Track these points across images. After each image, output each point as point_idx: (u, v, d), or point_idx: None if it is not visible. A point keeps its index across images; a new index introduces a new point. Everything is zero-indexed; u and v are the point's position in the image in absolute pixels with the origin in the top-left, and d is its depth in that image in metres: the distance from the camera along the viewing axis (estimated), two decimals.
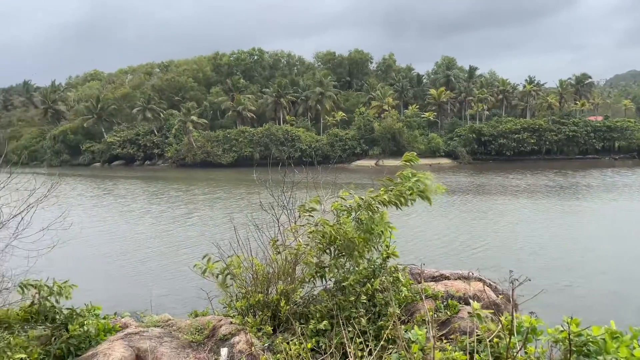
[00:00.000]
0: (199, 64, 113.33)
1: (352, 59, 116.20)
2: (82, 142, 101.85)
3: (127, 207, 47.89)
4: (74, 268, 21.53)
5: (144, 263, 26.20)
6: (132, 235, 33.84)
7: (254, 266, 6.26)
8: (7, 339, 5.58)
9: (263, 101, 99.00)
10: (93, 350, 5.42)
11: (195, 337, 5.58)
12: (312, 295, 6.05)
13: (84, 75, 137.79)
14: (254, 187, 51.68)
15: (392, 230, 5.91)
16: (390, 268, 5.84)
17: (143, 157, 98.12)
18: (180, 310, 11.46)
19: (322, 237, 5.89)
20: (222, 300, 6.32)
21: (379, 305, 5.46)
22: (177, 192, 57.36)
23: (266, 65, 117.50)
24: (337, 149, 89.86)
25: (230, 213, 37.10)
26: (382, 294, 5.54)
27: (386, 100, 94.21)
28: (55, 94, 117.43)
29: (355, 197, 6.03)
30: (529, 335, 3.90)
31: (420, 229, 31.52)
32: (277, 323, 5.76)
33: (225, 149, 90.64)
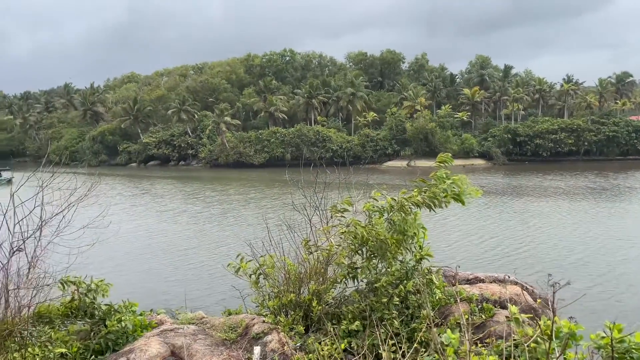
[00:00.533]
0: (232, 66, 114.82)
1: (384, 59, 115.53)
2: (119, 143, 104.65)
3: (163, 206, 48.93)
4: (111, 265, 22.16)
5: (179, 261, 26.74)
6: (168, 234, 34.56)
7: (286, 266, 6.30)
8: (49, 333, 5.78)
9: (294, 102, 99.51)
10: (130, 346, 5.55)
11: (229, 335, 5.65)
12: (344, 295, 6.04)
13: (122, 78, 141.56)
14: (286, 188, 52.00)
15: (425, 232, 5.84)
16: (423, 270, 5.77)
17: (177, 158, 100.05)
18: (213, 308, 11.63)
19: (354, 238, 5.87)
20: (255, 299, 6.38)
21: (412, 308, 5.40)
22: (212, 192, 58.25)
23: (298, 66, 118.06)
24: (368, 149, 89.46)
25: (263, 213, 37.41)
26: (415, 296, 5.48)
27: (418, 100, 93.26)
28: (94, 96, 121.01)
29: (388, 198, 5.99)
30: (568, 341, 3.79)
31: (455, 231, 31.08)
32: (309, 323, 5.77)
33: (257, 150, 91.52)
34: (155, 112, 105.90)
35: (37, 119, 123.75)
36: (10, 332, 5.71)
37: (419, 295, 5.51)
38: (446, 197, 5.55)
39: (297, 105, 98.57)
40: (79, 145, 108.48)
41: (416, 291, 5.55)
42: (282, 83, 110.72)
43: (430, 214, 5.94)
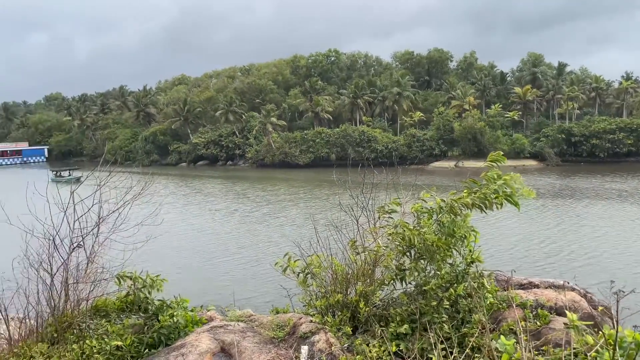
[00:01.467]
0: (278, 67, 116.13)
1: (431, 57, 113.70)
2: (170, 143, 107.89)
3: (214, 205, 50.05)
4: (164, 261, 22.82)
5: (228, 259, 27.27)
6: (218, 233, 35.31)
7: (333, 266, 6.29)
8: (105, 326, 6.01)
9: (340, 102, 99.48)
10: (182, 341, 5.70)
11: (277, 334, 5.70)
12: (391, 297, 5.97)
13: (173, 80, 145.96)
14: (332, 188, 52.10)
15: (476, 235, 5.69)
16: (474, 274, 5.62)
17: (225, 158, 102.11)
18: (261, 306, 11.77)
19: (402, 239, 5.79)
20: (302, 299, 6.40)
21: (462, 312, 5.27)
22: (261, 192, 59.09)
23: (343, 66, 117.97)
24: (414, 149, 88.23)
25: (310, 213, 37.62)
26: (466, 300, 5.35)
27: (467, 99, 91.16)
28: (146, 98, 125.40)
29: (437, 199, 5.87)
30: (632, 351, 3.59)
31: (507, 234, 30.14)
32: (357, 324, 5.74)
33: (303, 150, 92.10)
34: (204, 113, 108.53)
35: (94, 120, 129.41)
36: (70, 325, 5.99)
37: (470, 299, 5.37)
38: (497, 199, 5.37)
39: (343, 105, 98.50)
40: (132, 145, 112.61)
41: (467, 295, 5.41)
42: (328, 83, 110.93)
43: (479, 216, 5.78)
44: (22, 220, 6.32)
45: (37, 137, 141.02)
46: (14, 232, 6.41)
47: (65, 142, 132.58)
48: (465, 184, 5.68)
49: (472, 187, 5.57)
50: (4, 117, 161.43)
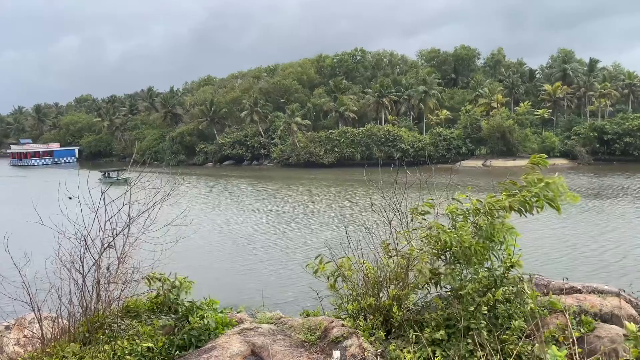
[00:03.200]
0: (303, 67, 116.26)
1: (458, 55, 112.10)
2: (196, 143, 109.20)
3: (242, 205, 50.39)
4: (193, 262, 22.98)
5: (257, 260, 27.33)
6: (248, 233, 35.47)
7: (364, 269, 6.14)
8: (136, 327, 6.00)
9: (365, 101, 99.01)
10: (212, 343, 5.64)
11: (308, 337, 5.59)
12: (426, 302, 5.79)
13: (199, 81, 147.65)
14: (360, 188, 51.82)
15: (515, 238, 5.46)
16: (513, 278, 5.39)
17: (251, 157, 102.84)
18: (291, 308, 11.69)
19: (437, 242, 5.60)
20: (333, 302, 6.28)
21: (501, 318, 5.06)
22: (288, 192, 59.25)
23: (368, 65, 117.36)
24: (440, 149, 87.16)
25: (340, 214, 37.45)
26: (504, 305, 5.13)
27: (495, 97, 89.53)
28: (173, 99, 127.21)
29: (473, 200, 5.66)
30: None
31: (543, 236, 29.34)
32: (390, 329, 5.58)
33: (327, 150, 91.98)
34: (230, 114, 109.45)
35: (123, 121, 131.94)
36: (101, 325, 5.99)
37: (509, 304, 5.15)
38: (538, 202, 5.13)
39: (367, 104, 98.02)
40: (159, 145, 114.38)
41: (506, 300, 5.19)
42: (353, 83, 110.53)
43: (515, 218, 5.55)
44: (53, 221, 6.37)
45: (68, 137, 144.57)
46: (46, 233, 6.46)
47: (95, 142, 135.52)
48: (503, 186, 5.46)
49: (511, 189, 5.34)
50: (36, 119, 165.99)
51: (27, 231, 9.76)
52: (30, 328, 6.67)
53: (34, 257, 6.39)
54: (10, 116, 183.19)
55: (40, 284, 6.33)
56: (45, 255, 6.30)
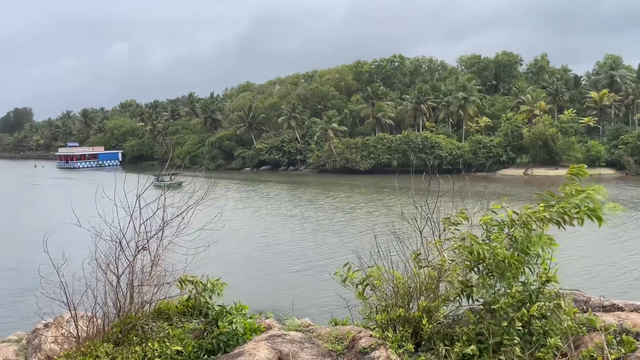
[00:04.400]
0: (341, 73, 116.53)
1: (499, 61, 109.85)
2: (234, 148, 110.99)
3: (276, 210, 50.79)
4: (223, 266, 23.31)
5: (287, 266, 27.45)
6: (279, 238, 35.70)
7: (394, 279, 6.03)
8: (167, 329, 6.08)
9: (402, 108, 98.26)
10: (240, 348, 5.65)
11: (335, 347, 5.52)
12: (457, 315, 5.63)
13: (238, 87, 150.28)
14: (394, 195, 51.40)
15: (552, 250, 5.25)
16: (549, 293, 5.18)
17: (287, 163, 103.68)
18: (319, 316, 11.66)
19: (470, 253, 5.44)
20: (362, 311, 6.19)
21: (536, 335, 4.86)
22: (322, 198, 59.39)
23: (407, 71, 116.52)
24: (480, 156, 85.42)
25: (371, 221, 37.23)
26: (540, 321, 4.93)
27: (537, 104, 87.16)
28: (213, 105, 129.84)
29: (509, 211, 5.48)
30: None
31: (583, 250, 28.27)
32: (419, 341, 5.45)
33: (364, 156, 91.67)
34: (267, 119, 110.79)
35: (164, 126, 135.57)
36: (134, 326, 6.10)
37: (544, 321, 4.94)
38: (579, 214, 4.91)
39: (405, 111, 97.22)
40: (199, 150, 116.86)
41: (541, 316, 4.98)
42: (390, 89, 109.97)
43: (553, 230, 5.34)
44: (91, 223, 6.56)
45: (112, 141, 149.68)
46: (84, 235, 6.66)
47: (137, 146, 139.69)
48: (540, 196, 5.26)
49: (549, 200, 5.14)
50: (83, 123, 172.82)
51: (67, 232, 10.12)
52: (67, 327, 6.87)
53: (71, 257, 6.58)
54: (59, 120, 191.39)
55: (77, 284, 6.52)
56: (82, 257, 6.49)
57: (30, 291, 6.56)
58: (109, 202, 6.85)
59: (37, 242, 7.00)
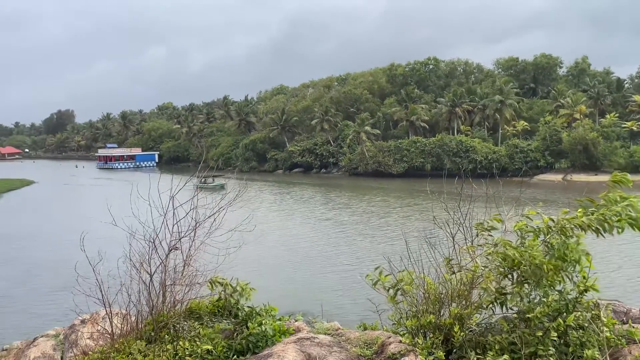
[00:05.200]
0: (374, 76, 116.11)
1: (538, 64, 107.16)
2: (267, 151, 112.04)
3: (307, 212, 50.94)
4: (254, 267, 23.51)
5: (317, 269, 27.45)
6: (310, 241, 35.76)
7: (425, 284, 5.93)
8: (198, 329, 6.16)
9: (437, 111, 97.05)
10: (269, 350, 5.66)
11: (364, 352, 5.47)
12: (490, 323, 5.49)
13: (272, 90, 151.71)
14: (426, 199, 50.79)
15: (589, 259, 5.05)
16: (587, 303, 4.99)
17: (319, 166, 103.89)
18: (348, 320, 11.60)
19: (503, 260, 5.30)
20: (391, 316, 6.11)
21: (572, 346, 4.68)
22: (354, 201, 59.22)
23: (441, 74, 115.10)
24: (517, 161, 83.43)
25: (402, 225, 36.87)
26: (577, 332, 4.75)
27: (577, 107, 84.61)
28: (247, 107, 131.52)
29: (544, 217, 5.31)
30: None
31: (624, 259, 27.24)
32: (450, 349, 5.34)
33: (396, 159, 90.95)
34: (300, 122, 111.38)
35: (200, 128, 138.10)
36: (166, 325, 6.21)
37: (581, 332, 4.77)
38: (620, 222, 4.72)
39: (440, 114, 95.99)
40: (233, 152, 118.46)
41: (578, 327, 4.81)
42: (425, 92, 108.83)
43: (590, 238, 5.15)
44: (126, 223, 6.72)
45: (149, 143, 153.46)
46: (119, 234, 6.83)
47: (174, 148, 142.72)
48: (579, 202, 5.08)
49: (588, 207, 4.96)
50: (122, 125, 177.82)
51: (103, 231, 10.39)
52: (102, 324, 7.05)
53: (107, 256, 6.75)
54: (99, 122, 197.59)
55: (112, 282, 6.69)
56: (117, 255, 6.65)
57: (68, 288, 6.75)
58: (143, 202, 6.99)
59: (76, 240, 7.21)
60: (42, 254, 34.44)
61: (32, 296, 25.13)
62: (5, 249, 36.39)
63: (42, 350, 7.39)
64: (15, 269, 30.75)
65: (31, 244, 38.02)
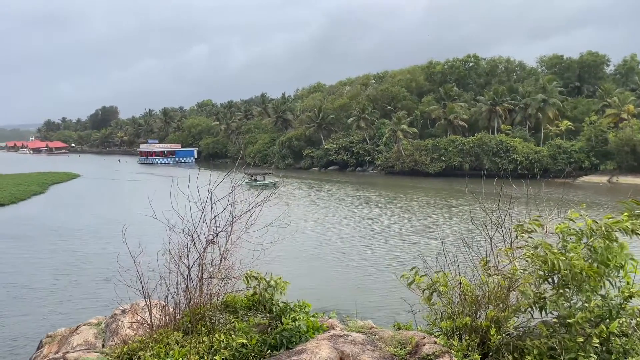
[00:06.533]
0: (412, 74, 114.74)
1: (584, 62, 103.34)
2: (303, 148, 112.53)
3: (342, 210, 50.88)
4: (289, 263, 23.65)
5: (353, 267, 27.39)
6: (345, 238, 35.72)
7: (461, 286, 5.85)
8: (233, 322, 6.26)
9: (476, 109, 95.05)
10: (302, 346, 5.70)
11: (397, 351, 5.44)
12: (528, 327, 5.36)
13: (309, 88, 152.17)
14: (463, 200, 49.91)
15: (635, 264, 4.87)
16: (632, 309, 4.81)
17: (355, 164, 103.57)
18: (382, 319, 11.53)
19: (543, 263, 5.17)
20: (426, 317, 6.05)
21: (615, 354, 4.53)
22: (390, 200, 58.76)
23: (482, 72, 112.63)
24: (559, 162, 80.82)
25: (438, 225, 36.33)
26: (620, 339, 4.59)
27: (625, 107, 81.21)
28: (284, 105, 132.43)
29: (588, 220, 5.14)
30: None
31: None
32: (486, 352, 5.25)
33: (434, 158, 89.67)
34: (337, 120, 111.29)
35: (238, 125, 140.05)
36: (202, 317, 6.34)
37: (625, 339, 4.60)
38: None
39: (479, 112, 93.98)
40: (269, 149, 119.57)
41: (622, 334, 4.64)
42: (464, 90, 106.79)
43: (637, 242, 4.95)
44: (166, 216, 6.89)
45: (189, 139, 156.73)
46: (158, 227, 7.01)
47: (212, 144, 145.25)
48: (624, 205, 4.89)
49: (634, 210, 4.77)
50: (163, 121, 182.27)
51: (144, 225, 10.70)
52: (142, 314, 7.26)
53: (147, 249, 6.95)
54: (142, 118, 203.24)
55: (151, 274, 6.89)
56: (157, 248, 6.84)
57: (110, 279, 6.99)
58: (182, 197, 7.16)
59: (118, 233, 7.46)
60: (86, 245, 35.75)
61: (76, 286, 26.14)
62: (51, 240, 37.98)
63: (84, 338, 7.68)
64: (60, 259, 32.05)
65: (76, 236, 39.53)
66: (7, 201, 59.83)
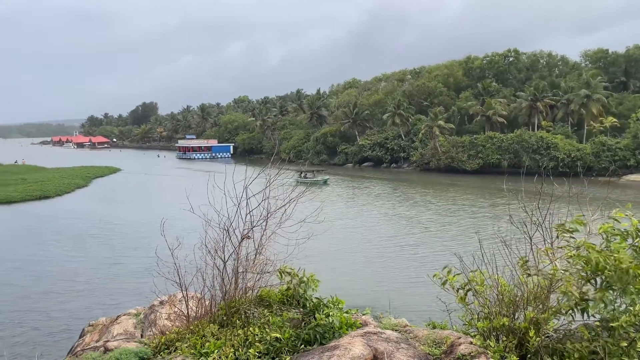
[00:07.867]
0: (450, 69, 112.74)
1: (630, 56, 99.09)
2: (338, 144, 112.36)
3: (377, 207, 50.60)
4: (323, 259, 23.71)
5: (386, 264, 27.22)
6: (380, 236, 35.53)
7: (499, 285, 5.72)
8: (267, 316, 6.33)
9: (516, 105, 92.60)
10: (335, 342, 5.70)
11: (432, 351, 5.37)
12: (568, 329, 5.19)
13: (344, 84, 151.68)
14: (502, 198, 48.80)
15: None
16: None
17: (389, 160, 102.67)
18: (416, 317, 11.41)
19: (586, 264, 4.99)
20: (462, 317, 5.95)
21: None
22: (426, 197, 58.05)
23: (522, 67, 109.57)
24: (603, 159, 77.92)
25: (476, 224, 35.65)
26: None
27: None
28: (319, 101, 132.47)
29: (634, 220, 4.94)
30: None
31: None
32: (524, 354, 5.11)
33: (471, 155, 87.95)
34: (372, 116, 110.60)
35: (273, 121, 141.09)
36: (237, 310, 6.43)
37: None
38: None
39: (519, 108, 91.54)
40: (304, 145, 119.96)
41: None
42: (503, 85, 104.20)
43: None
44: (202, 211, 7.02)
45: (226, 135, 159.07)
46: (196, 221, 7.15)
47: (248, 140, 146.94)
48: None
49: None
50: (201, 117, 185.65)
51: (182, 219, 10.92)
52: (179, 306, 7.43)
53: (184, 242, 7.09)
54: (180, 114, 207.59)
55: (188, 267, 7.03)
56: (193, 241, 6.97)
57: (149, 271, 7.18)
58: (219, 192, 7.27)
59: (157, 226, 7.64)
60: (125, 238, 36.84)
61: (117, 277, 27.01)
62: (93, 233, 39.31)
63: (124, 328, 7.92)
64: (102, 251, 33.15)
65: (116, 229, 40.79)
66: (53, 194, 62.53)
